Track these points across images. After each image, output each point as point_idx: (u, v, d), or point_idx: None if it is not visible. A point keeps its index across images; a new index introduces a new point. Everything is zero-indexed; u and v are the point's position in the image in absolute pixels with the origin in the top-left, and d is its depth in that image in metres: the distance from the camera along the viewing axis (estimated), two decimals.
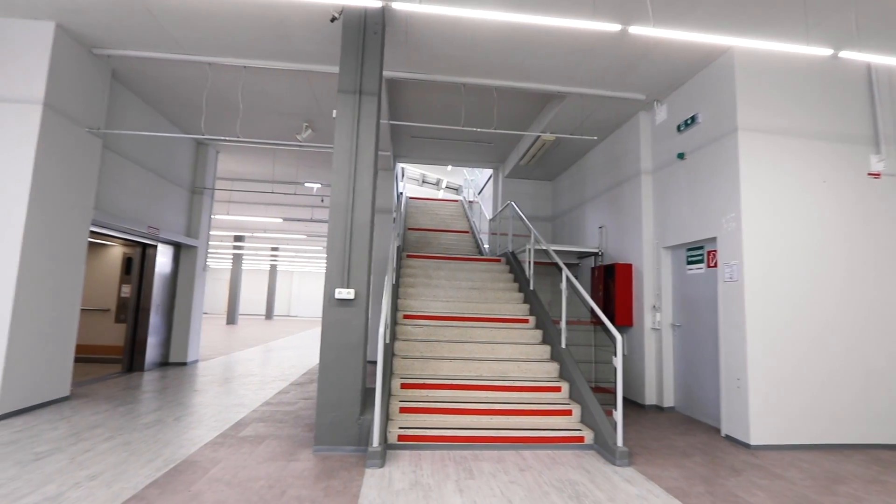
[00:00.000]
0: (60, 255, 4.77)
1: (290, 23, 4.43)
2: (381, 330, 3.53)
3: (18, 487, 2.76)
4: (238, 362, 8.30)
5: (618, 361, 3.69)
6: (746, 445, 4.10)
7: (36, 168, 4.39)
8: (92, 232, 5.83)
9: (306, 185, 9.88)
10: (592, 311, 4.64)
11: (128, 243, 7.47)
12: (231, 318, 19.54)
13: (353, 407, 3.69)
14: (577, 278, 6.73)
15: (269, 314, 24.37)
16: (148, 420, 4.32)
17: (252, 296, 29.36)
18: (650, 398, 5.59)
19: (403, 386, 4.42)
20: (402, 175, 12.56)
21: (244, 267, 28.29)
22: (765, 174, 4.40)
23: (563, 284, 4.85)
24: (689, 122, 5.12)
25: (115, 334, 7.83)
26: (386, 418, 3.79)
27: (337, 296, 3.75)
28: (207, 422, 4.34)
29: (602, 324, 4.06)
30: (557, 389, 4.54)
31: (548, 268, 7.41)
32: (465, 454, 3.66)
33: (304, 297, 30.04)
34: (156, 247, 7.16)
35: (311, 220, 10.81)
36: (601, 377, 6.34)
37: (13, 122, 4.39)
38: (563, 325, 4.89)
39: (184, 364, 7.62)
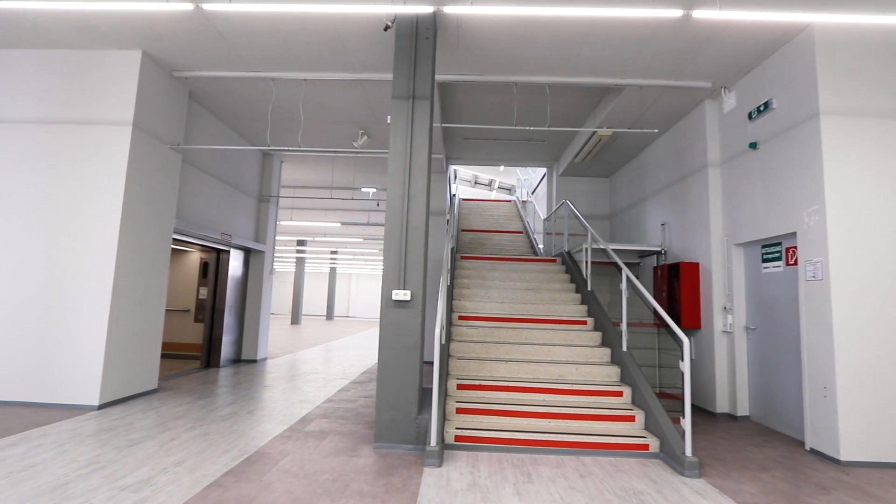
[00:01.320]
0: (148, 261, 5.26)
1: (345, 35, 4.61)
2: (437, 331, 3.57)
3: (117, 470, 3.08)
4: (302, 360, 8.73)
5: (685, 366, 3.49)
6: (836, 461, 3.73)
7: (127, 183, 4.88)
8: (174, 239, 6.38)
9: (363, 189, 10.21)
10: (656, 313, 4.43)
11: (204, 249, 8.10)
12: (295, 319, 20.58)
13: (410, 406, 3.76)
14: (637, 278, 6.42)
15: (329, 315, 25.41)
16: (224, 413, 4.66)
17: (314, 297, 30.78)
18: (722, 406, 5.23)
19: (459, 387, 4.45)
20: (455, 177, 12.65)
21: (306, 270, 29.73)
22: (852, 162, 3.98)
23: (624, 285, 4.66)
24: (761, 108, 4.75)
25: (194, 333, 8.52)
26: (443, 418, 3.83)
27: (394, 297, 3.85)
28: (276, 416, 4.60)
29: (666, 326, 3.86)
30: (619, 394, 4.37)
31: (606, 268, 7.15)
32: (522, 457, 3.62)
33: (361, 298, 31.04)
34: (228, 252, 7.70)
35: (368, 224, 11.15)
36: (666, 382, 6.02)
37: (108, 143, 4.91)
38: (623, 327, 4.71)
39: (254, 361, 8.13)
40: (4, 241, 4.83)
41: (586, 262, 6.01)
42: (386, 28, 4.11)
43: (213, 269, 7.75)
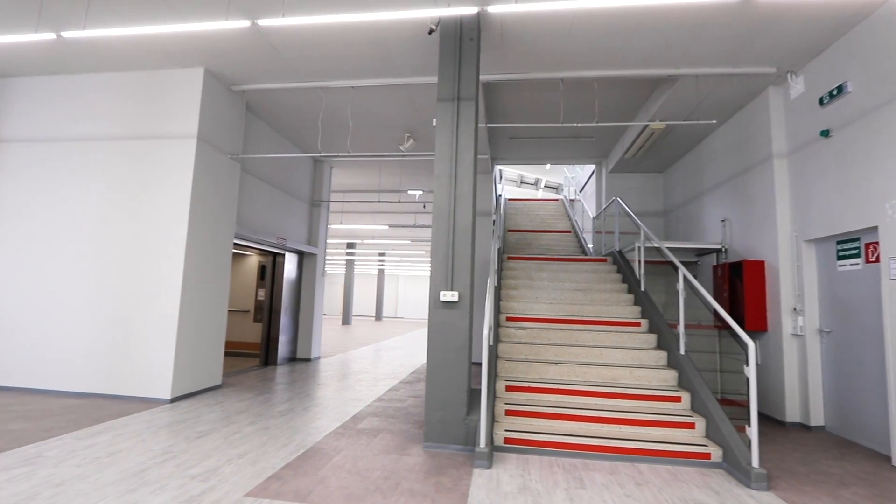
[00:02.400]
0: (212, 265, 5.61)
1: (390, 41, 4.70)
2: (485, 332, 3.56)
3: (187, 460, 3.31)
4: (353, 360, 8.99)
5: (750, 371, 3.27)
6: None
7: (193, 192, 5.23)
8: (234, 244, 6.77)
9: (409, 192, 10.37)
10: (716, 315, 4.18)
11: (261, 253, 8.53)
12: (345, 319, 21.22)
13: (459, 407, 3.77)
14: (695, 278, 6.08)
15: (378, 315, 25.99)
16: (282, 409, 4.88)
17: (363, 298, 31.61)
18: (792, 415, 4.86)
19: (508, 388, 4.41)
20: (500, 177, 12.56)
21: (356, 272, 30.59)
22: None
23: (680, 285, 4.45)
24: (834, 93, 4.37)
25: (253, 332, 9.00)
26: (492, 420, 3.81)
27: (442, 298, 3.88)
28: (330, 413, 4.77)
29: (729, 328, 3.64)
30: (676, 399, 4.17)
31: (660, 267, 6.84)
32: (574, 462, 3.54)
33: (409, 299, 31.51)
34: (283, 255, 8.07)
35: (415, 226, 11.32)
36: (728, 388, 5.66)
37: (175, 155, 5.29)
38: (681, 329, 4.48)
39: (308, 360, 8.46)
40: (88, 249, 5.32)
41: (639, 262, 5.78)
42: (430, 32, 4.17)
43: (269, 271, 8.15)
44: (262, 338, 8.00)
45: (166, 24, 3.80)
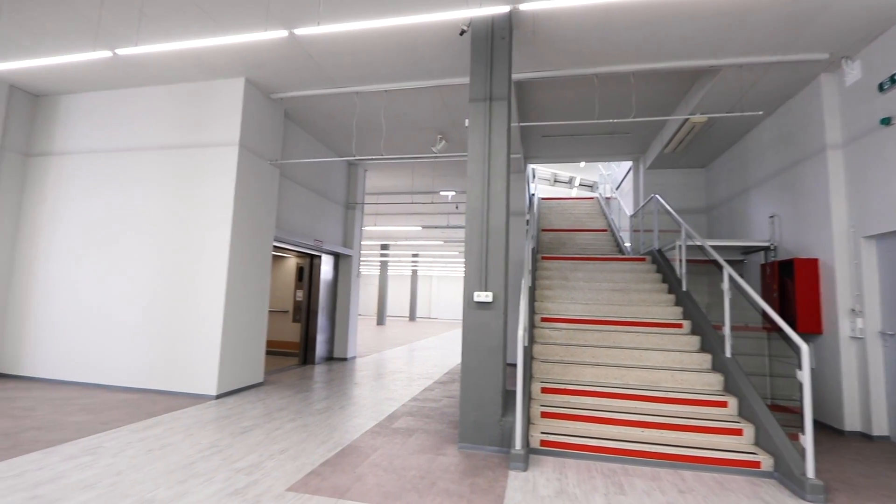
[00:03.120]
0: (253, 267, 5.82)
1: (421, 44, 4.74)
2: (520, 333, 3.53)
3: (232, 454, 3.45)
4: (388, 360, 9.10)
5: (804, 376, 3.09)
6: None
7: (235, 197, 5.45)
8: (274, 246, 7.00)
9: (442, 193, 10.41)
10: (765, 316, 3.98)
11: (299, 255, 8.78)
12: (380, 320, 21.53)
13: (494, 408, 3.75)
14: (742, 277, 5.79)
15: (412, 316, 26.22)
16: (320, 406, 5.01)
17: (397, 299, 31.98)
18: (851, 423, 4.55)
19: (544, 390, 4.35)
20: (534, 176, 12.42)
21: (390, 273, 31.00)
22: None
23: (725, 284, 4.25)
24: None
25: (292, 332, 9.27)
26: (527, 422, 3.77)
27: (476, 299, 3.87)
28: (366, 412, 4.85)
29: (779, 330, 3.44)
30: (723, 405, 3.99)
31: (703, 266, 6.57)
32: (613, 467, 3.45)
33: (442, 300, 31.63)
34: (320, 257, 8.28)
35: (448, 227, 11.34)
36: (779, 393, 5.37)
37: (219, 162, 5.53)
38: (726, 331, 4.29)
39: (344, 359, 8.64)
40: (140, 252, 5.64)
41: (680, 261, 5.57)
42: (462, 33, 4.17)
43: (307, 273, 8.37)
44: (300, 337, 8.23)
45: (210, 38, 3.98)
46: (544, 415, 4.04)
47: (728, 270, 4.24)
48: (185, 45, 3.90)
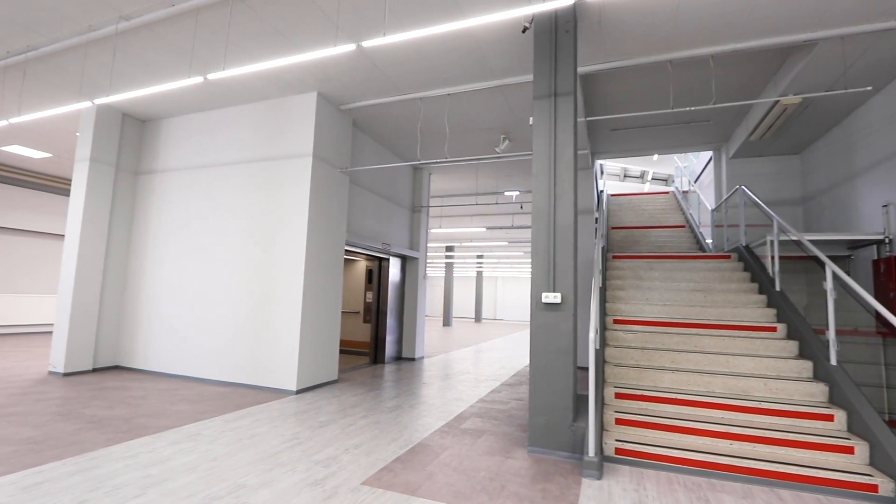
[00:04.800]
0: (327, 271, 6.14)
1: (483, 45, 4.74)
2: (591, 335, 3.40)
3: (311, 447, 3.65)
4: (454, 360, 9.18)
5: None
6: None
7: (310, 204, 5.79)
8: (345, 250, 7.33)
9: (506, 193, 10.32)
10: (880, 318, 3.50)
11: (369, 258, 9.13)
12: (446, 321, 21.77)
13: (565, 412, 3.65)
14: (848, 274, 5.13)
15: (477, 317, 26.23)
16: (390, 405, 5.16)
17: (462, 300, 32.16)
18: None
19: (618, 396, 4.15)
20: (602, 172, 11.93)
21: (455, 274, 31.26)
22: None
23: (829, 283, 3.80)
24: None
25: (363, 332, 9.65)
26: (601, 428, 3.62)
27: (544, 300, 3.79)
28: (434, 412, 4.92)
29: None
30: (828, 418, 3.57)
31: (800, 263, 5.92)
32: (697, 480, 3.21)
33: (508, 301, 31.32)
34: (388, 260, 8.54)
35: (512, 227, 11.23)
36: None
37: (295, 173, 5.90)
38: (830, 335, 3.83)
39: (412, 359, 8.84)
40: (229, 258, 6.16)
41: (772, 258, 5.06)
42: (524, 30, 4.11)
43: (376, 275, 8.68)
44: (370, 337, 8.54)
45: (286, 57, 4.27)
46: (619, 422, 3.85)
47: (832, 267, 3.78)
48: (265, 66, 4.21)
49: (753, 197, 5.79)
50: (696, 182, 10.07)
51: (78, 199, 6.48)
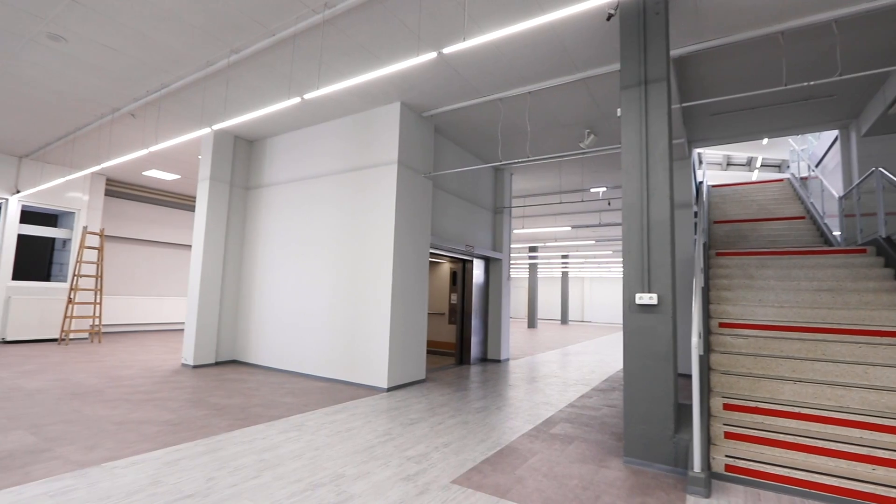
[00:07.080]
0: (414, 273, 6.36)
1: (565, 38, 4.60)
2: (694, 340, 3.13)
3: (403, 443, 3.79)
4: (541, 363, 8.97)
5: None
6: None
7: (396, 210, 6.03)
8: (430, 253, 7.53)
9: (592, 190, 9.89)
10: None
11: (452, 260, 9.28)
12: (531, 323, 21.36)
13: (665, 422, 3.39)
14: None
15: (563, 319, 25.41)
16: (477, 406, 5.19)
17: (548, 301, 31.36)
18: None
19: (727, 407, 3.77)
20: (700, 162, 10.94)
21: (539, 275, 30.59)
22: None
23: None
24: None
25: (448, 333, 9.82)
26: (707, 441, 3.31)
27: (638, 301, 3.57)
28: (522, 415, 4.85)
29: None
30: None
31: None
32: None
33: (596, 302, 29.93)
34: (472, 261, 8.61)
35: (600, 225, 10.71)
36: None
37: (381, 180, 6.20)
38: None
39: (498, 361, 8.81)
40: (326, 263, 6.64)
41: None
42: (609, 17, 3.91)
43: (460, 277, 8.79)
44: (456, 338, 8.66)
45: (372, 72, 4.50)
46: (729, 436, 3.49)
47: None
48: (353, 82, 4.48)
49: (895, 179, 4.93)
50: (817, 167, 8.83)
51: (201, 213, 7.41)
